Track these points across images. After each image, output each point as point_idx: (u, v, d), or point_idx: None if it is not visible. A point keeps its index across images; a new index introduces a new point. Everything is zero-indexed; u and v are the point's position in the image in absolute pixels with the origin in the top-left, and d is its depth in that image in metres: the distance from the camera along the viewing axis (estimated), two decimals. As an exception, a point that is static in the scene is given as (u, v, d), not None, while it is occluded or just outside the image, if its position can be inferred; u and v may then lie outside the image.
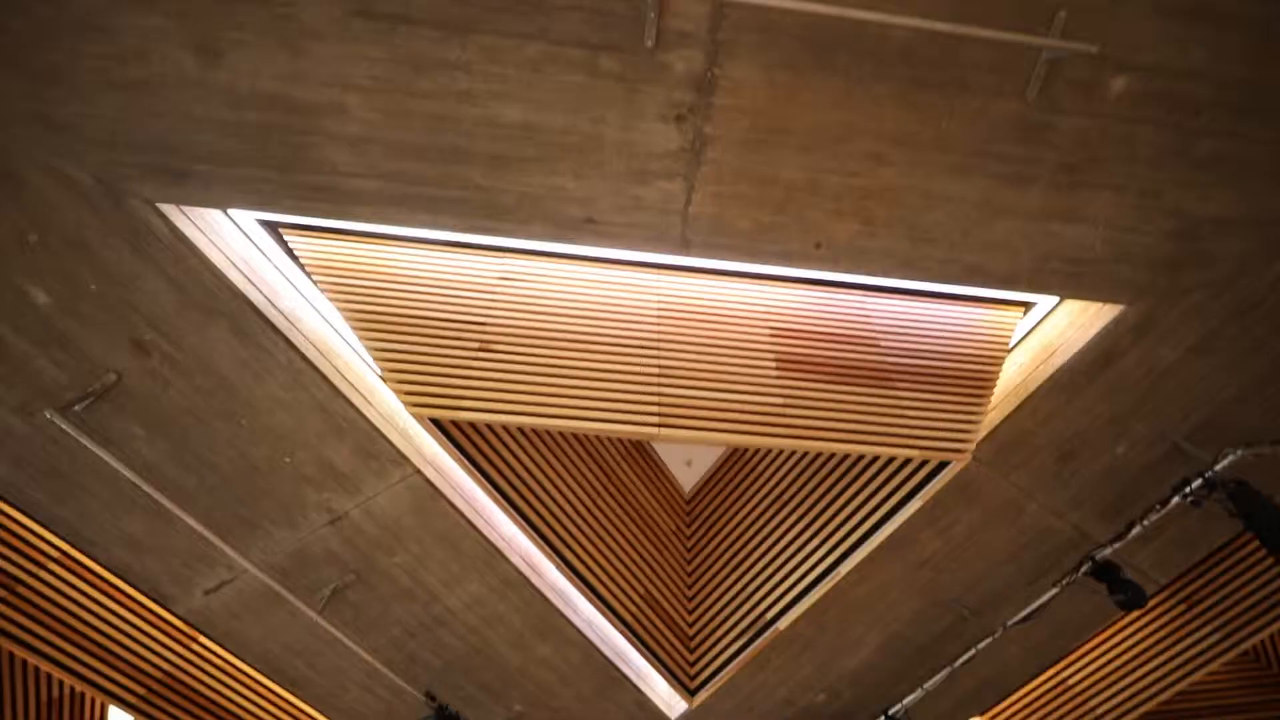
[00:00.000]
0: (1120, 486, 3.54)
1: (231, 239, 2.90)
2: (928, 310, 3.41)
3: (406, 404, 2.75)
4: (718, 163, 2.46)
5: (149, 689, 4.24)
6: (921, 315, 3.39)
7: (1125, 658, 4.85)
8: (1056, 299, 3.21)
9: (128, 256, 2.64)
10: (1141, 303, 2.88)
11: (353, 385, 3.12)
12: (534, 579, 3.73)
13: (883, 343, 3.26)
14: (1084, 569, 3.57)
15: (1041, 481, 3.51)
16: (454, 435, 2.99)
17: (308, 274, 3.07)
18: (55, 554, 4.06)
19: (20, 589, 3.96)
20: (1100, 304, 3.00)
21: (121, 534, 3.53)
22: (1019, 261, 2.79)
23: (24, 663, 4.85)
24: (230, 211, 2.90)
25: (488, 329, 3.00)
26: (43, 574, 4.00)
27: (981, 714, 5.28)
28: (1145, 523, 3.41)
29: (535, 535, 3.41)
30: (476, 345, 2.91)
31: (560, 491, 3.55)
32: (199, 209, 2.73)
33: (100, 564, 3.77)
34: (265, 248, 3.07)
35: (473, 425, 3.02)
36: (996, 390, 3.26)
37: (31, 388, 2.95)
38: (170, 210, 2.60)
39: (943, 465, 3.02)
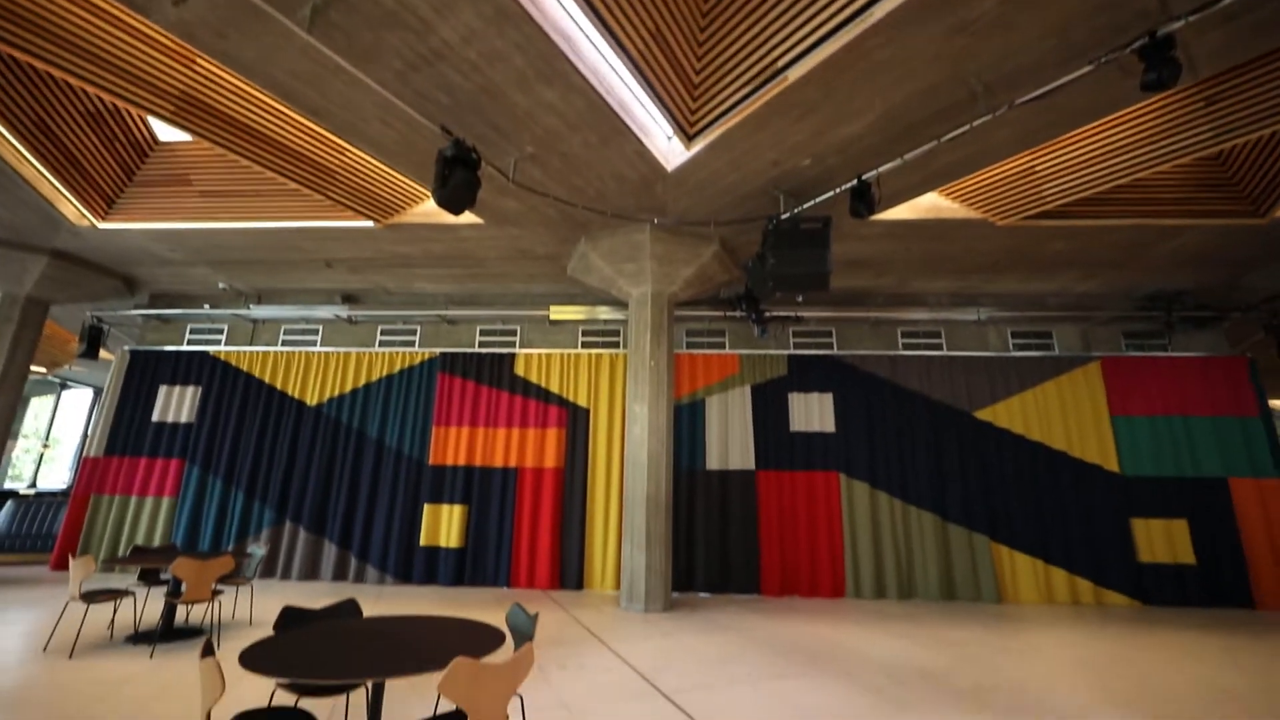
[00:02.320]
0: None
1: None
2: None
3: None
4: None
5: (175, 105, 4.46)
6: None
7: (1098, 149, 5.10)
8: None
9: None
10: None
11: None
12: (532, 12, 3.38)
13: None
14: (1137, 43, 3.25)
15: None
16: None
17: None
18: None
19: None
20: None
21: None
22: None
23: (55, 80, 4.90)
24: None
25: None
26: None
27: (941, 189, 5.94)
28: (1248, -11, 2.89)
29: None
30: None
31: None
32: None
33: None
34: None
35: None
36: None
37: None
38: None
39: None
